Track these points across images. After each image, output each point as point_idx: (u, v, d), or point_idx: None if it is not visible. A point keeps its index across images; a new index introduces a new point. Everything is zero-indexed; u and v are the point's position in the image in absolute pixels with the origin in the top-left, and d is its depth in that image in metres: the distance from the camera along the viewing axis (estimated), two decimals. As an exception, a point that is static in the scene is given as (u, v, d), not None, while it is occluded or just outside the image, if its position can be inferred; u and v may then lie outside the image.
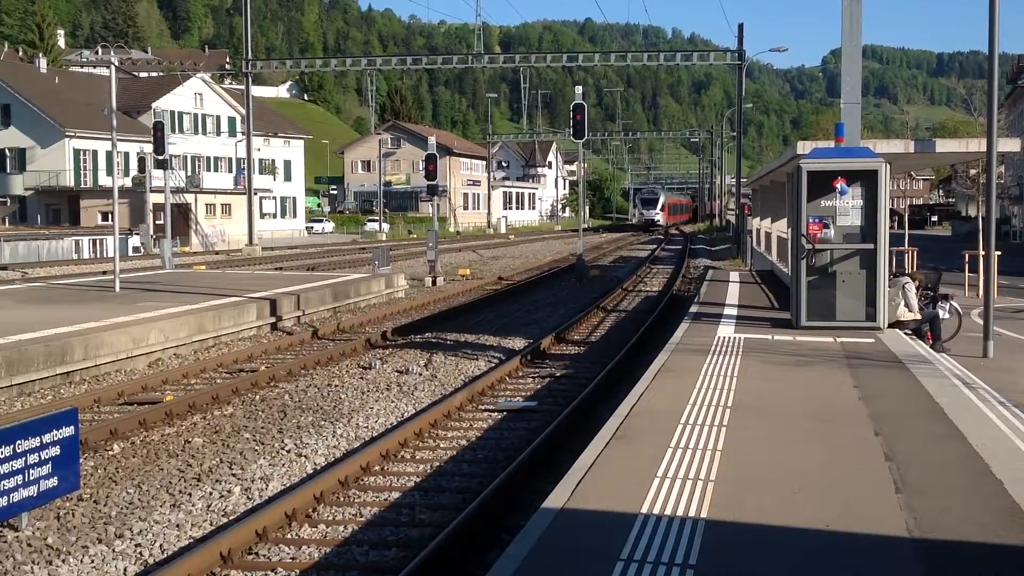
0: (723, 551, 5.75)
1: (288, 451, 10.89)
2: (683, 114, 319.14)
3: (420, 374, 15.63)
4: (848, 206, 14.88)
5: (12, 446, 7.91)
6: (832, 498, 6.71)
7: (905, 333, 14.95)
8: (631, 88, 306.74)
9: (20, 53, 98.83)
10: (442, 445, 11.11)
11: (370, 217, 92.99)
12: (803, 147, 18.22)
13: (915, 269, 22.64)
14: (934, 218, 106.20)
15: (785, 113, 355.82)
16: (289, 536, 8.12)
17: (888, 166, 14.91)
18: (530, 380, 15.10)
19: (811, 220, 14.93)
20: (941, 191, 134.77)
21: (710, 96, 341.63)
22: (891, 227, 15.26)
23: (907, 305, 15.48)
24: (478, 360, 16.89)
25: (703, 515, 6.37)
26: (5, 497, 7.83)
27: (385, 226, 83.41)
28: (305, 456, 10.70)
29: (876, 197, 14.70)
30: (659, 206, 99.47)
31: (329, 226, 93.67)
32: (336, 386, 14.69)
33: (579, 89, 34.64)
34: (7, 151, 68.58)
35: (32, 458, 8.11)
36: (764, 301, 20.85)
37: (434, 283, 32.47)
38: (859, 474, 7.31)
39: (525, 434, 11.51)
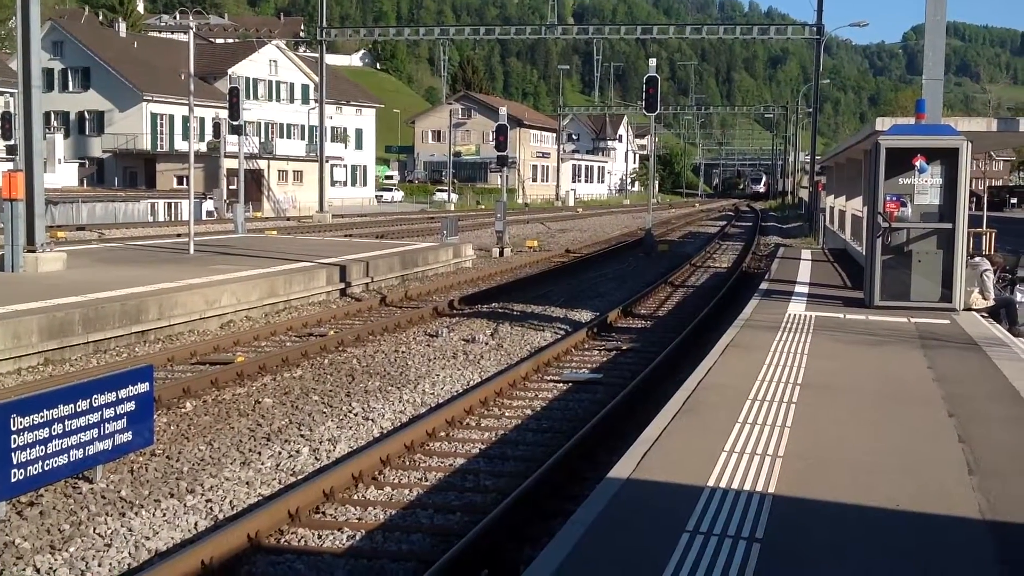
0: (790, 527, 5.69)
1: (355, 414, 11.01)
2: (758, 89, 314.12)
3: (486, 343, 15.68)
4: (927, 184, 14.56)
5: (89, 400, 8.09)
6: (903, 478, 6.61)
7: (981, 316, 14.62)
8: (705, 62, 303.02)
9: (100, 17, 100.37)
10: (507, 414, 11.15)
11: (439, 187, 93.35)
12: (882, 123, 17.89)
13: (993, 251, 22.13)
14: (1014, 200, 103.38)
15: (863, 90, 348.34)
16: (356, 497, 8.22)
17: (969, 144, 14.55)
18: (596, 352, 15.07)
19: (888, 198, 14.64)
20: (1022, 172, 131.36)
21: (786, 71, 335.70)
22: (969, 208, 14.91)
23: (982, 292, 15.11)
24: (544, 331, 16.90)
25: (771, 490, 6.31)
26: (81, 449, 8.02)
27: (454, 196, 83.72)
28: (372, 420, 10.81)
29: (956, 176, 14.36)
30: (762, 183, 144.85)
31: (398, 195, 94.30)
32: (403, 352, 14.81)
33: (652, 62, 34.35)
34: (86, 114, 69.99)
35: (108, 412, 8.29)
36: (836, 279, 20.54)
37: (501, 254, 32.52)
38: (931, 455, 7.19)
39: (590, 405, 11.50)
